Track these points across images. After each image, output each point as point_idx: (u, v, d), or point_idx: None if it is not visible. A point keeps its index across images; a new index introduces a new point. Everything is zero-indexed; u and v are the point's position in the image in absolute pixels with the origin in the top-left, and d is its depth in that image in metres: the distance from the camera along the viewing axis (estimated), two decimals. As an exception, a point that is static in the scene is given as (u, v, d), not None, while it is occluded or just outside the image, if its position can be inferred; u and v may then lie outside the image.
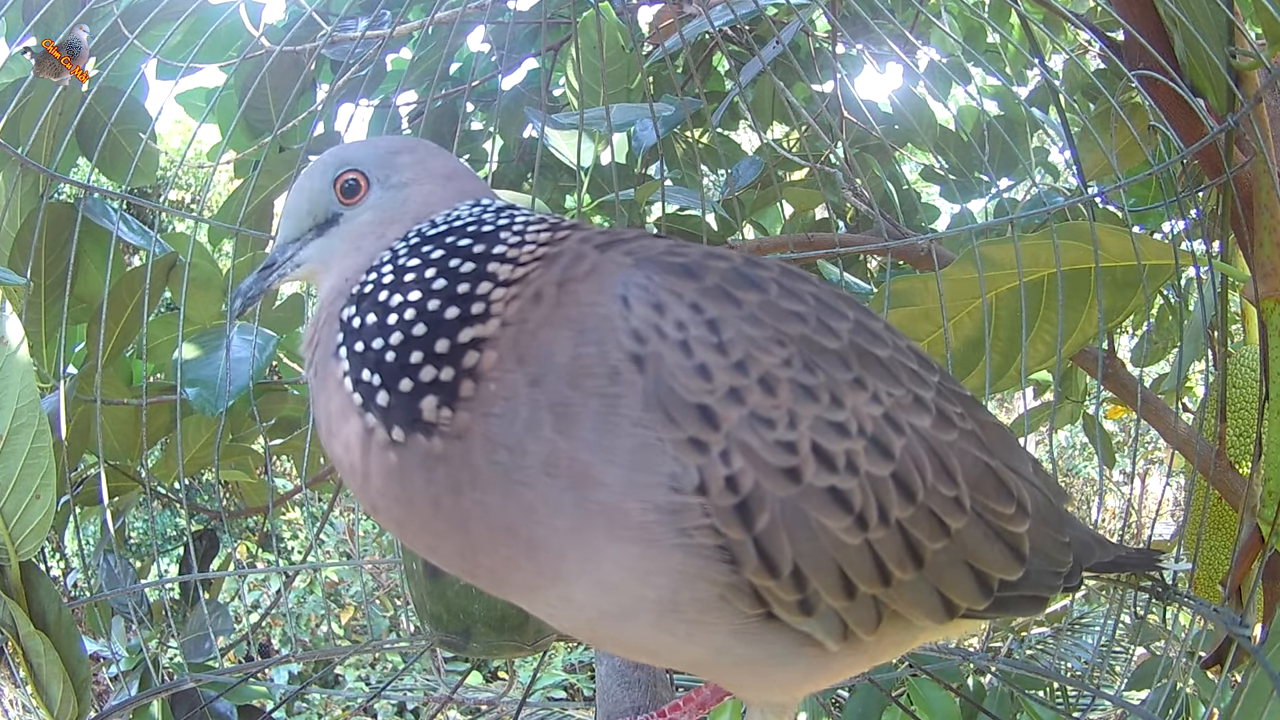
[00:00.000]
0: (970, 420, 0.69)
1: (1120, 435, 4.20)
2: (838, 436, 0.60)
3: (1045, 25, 1.93)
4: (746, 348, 0.59)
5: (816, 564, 0.60)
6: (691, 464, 0.57)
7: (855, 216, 2.14)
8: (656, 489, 0.57)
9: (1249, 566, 1.11)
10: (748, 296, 0.62)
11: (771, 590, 0.59)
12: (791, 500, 0.59)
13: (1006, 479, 0.69)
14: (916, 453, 0.63)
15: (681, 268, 0.61)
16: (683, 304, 0.59)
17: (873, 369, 0.64)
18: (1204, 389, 1.48)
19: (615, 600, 0.60)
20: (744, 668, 0.65)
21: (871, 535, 0.61)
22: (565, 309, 0.60)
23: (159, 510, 3.27)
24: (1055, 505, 0.75)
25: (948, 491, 0.64)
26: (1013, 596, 0.69)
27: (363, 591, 4.25)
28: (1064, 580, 0.74)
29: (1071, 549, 0.75)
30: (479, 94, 2.22)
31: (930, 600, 0.65)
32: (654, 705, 0.98)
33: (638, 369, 0.57)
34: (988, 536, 0.67)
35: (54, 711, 0.97)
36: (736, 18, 1.53)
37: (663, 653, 0.68)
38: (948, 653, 1.32)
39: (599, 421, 0.57)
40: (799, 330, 0.62)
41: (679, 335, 0.58)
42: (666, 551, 0.57)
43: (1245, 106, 1.06)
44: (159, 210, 1.37)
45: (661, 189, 1.66)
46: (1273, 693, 0.77)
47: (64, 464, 1.24)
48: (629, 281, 0.60)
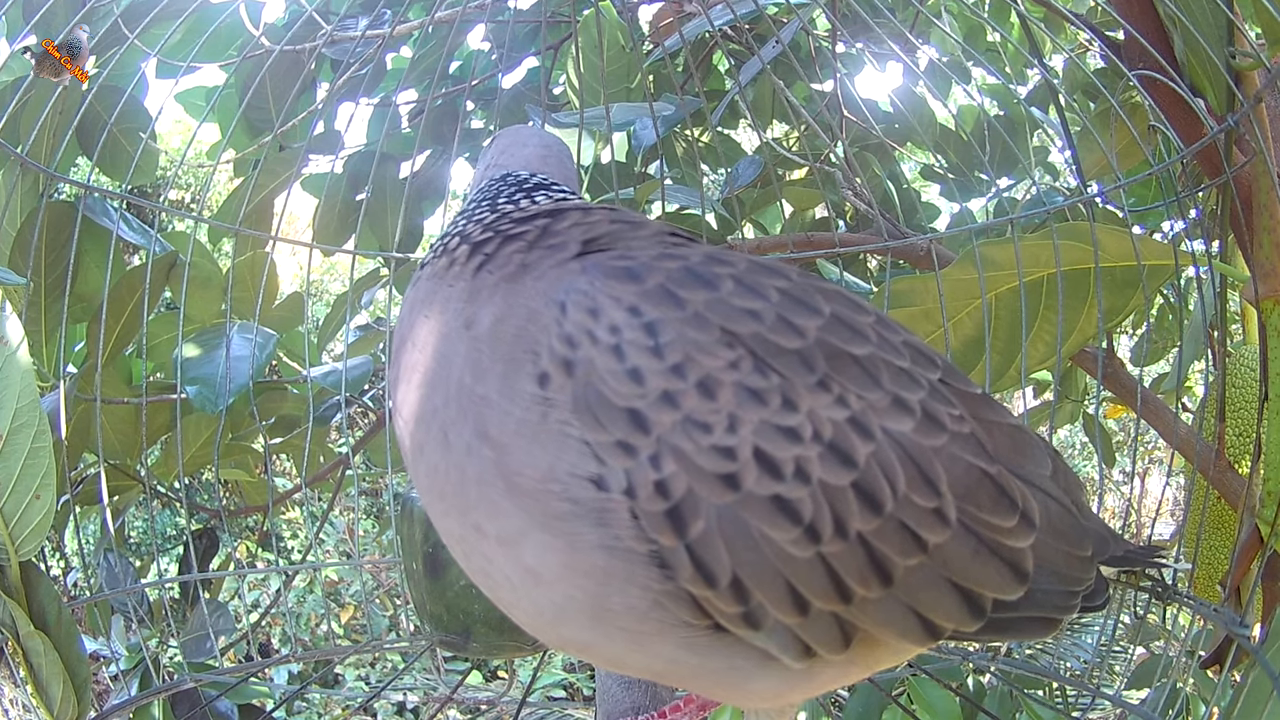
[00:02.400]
0: (971, 422, 0.64)
1: (1120, 435, 4.20)
2: (786, 442, 0.57)
3: (1045, 25, 1.93)
4: (686, 350, 0.57)
5: (759, 576, 0.56)
6: (619, 466, 0.55)
7: (855, 216, 2.14)
8: (577, 484, 0.56)
9: (1248, 566, 1.11)
10: (694, 296, 0.59)
11: (710, 601, 0.57)
12: (729, 508, 0.56)
13: (1009, 487, 0.63)
14: (887, 460, 0.59)
15: (625, 271, 0.61)
16: (620, 308, 0.58)
17: (844, 370, 0.60)
18: (1203, 389, 1.48)
19: (546, 593, 0.59)
20: (707, 679, 0.63)
21: (825, 548, 0.57)
22: (514, 285, 0.63)
23: (159, 509, 3.27)
24: (1074, 514, 0.68)
25: (925, 503, 0.59)
26: (1013, 618, 0.64)
27: (363, 591, 4.25)
28: (1081, 600, 0.67)
29: (1094, 563, 0.68)
30: (479, 92, 2.22)
31: (904, 621, 0.60)
32: (654, 705, 0.98)
33: (567, 374, 0.57)
34: (978, 553, 0.61)
35: (54, 711, 0.97)
36: (736, 17, 1.53)
37: (619, 661, 0.66)
38: (947, 652, 1.32)
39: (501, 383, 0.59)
40: (751, 329, 0.59)
41: (611, 339, 0.57)
42: (588, 551, 0.56)
43: (1245, 106, 1.06)
44: (159, 210, 1.37)
45: (661, 188, 1.65)
46: (1273, 692, 0.77)
47: (64, 463, 1.24)
48: (570, 287, 0.60)
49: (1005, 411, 0.69)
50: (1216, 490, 1.34)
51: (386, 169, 1.75)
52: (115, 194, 1.51)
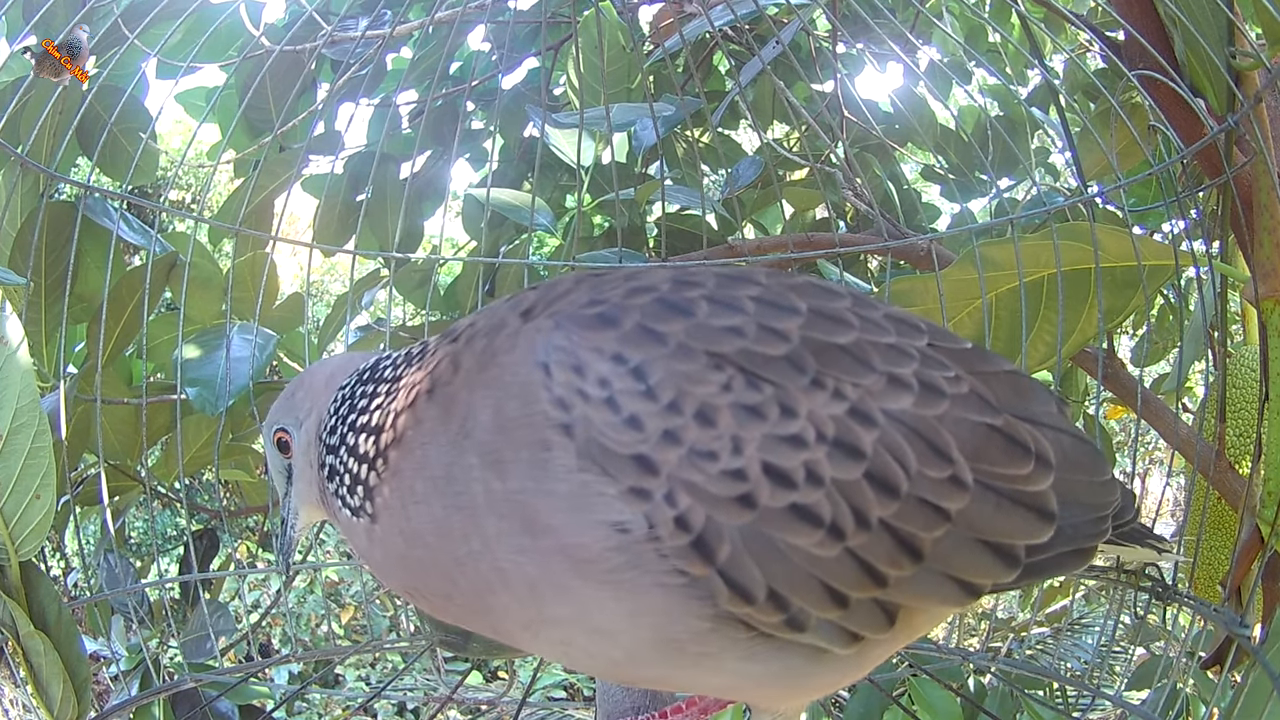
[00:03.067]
0: (968, 380, 0.64)
1: (1121, 435, 4.19)
2: (792, 450, 0.57)
3: (1045, 25, 1.93)
4: (678, 385, 0.57)
5: (793, 583, 0.58)
6: (638, 511, 0.56)
7: (855, 216, 2.14)
8: (605, 531, 0.56)
9: (1249, 567, 1.11)
10: (672, 328, 0.59)
11: (752, 615, 0.58)
12: (750, 526, 0.56)
13: (1019, 434, 0.64)
14: (894, 442, 0.59)
15: (599, 318, 0.60)
16: (604, 359, 0.58)
17: (835, 362, 0.60)
18: (1204, 389, 1.48)
19: (617, 644, 0.60)
20: (770, 683, 0.64)
21: (851, 542, 0.58)
22: (488, 372, 0.61)
23: (159, 510, 3.26)
24: (1087, 442, 0.69)
25: (939, 473, 0.60)
26: (1047, 559, 0.64)
27: (363, 591, 4.25)
28: (1111, 522, 0.68)
29: (1117, 485, 0.69)
30: (479, 93, 2.22)
31: (944, 588, 0.61)
32: (654, 706, 0.98)
33: (567, 436, 0.57)
34: (1000, 506, 0.62)
35: (54, 711, 0.97)
36: (737, 17, 1.53)
37: (686, 684, 0.68)
38: (948, 652, 1.32)
39: (532, 469, 0.57)
40: (736, 346, 0.59)
41: (602, 394, 0.57)
42: (645, 594, 0.57)
43: (1245, 106, 1.06)
44: (159, 210, 1.37)
45: (662, 189, 1.65)
46: (1273, 693, 0.77)
47: (64, 464, 1.24)
48: (549, 346, 0.59)
49: (999, 359, 0.70)
50: (1217, 491, 1.34)
51: (387, 169, 1.75)
52: (115, 194, 1.51)
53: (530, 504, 0.58)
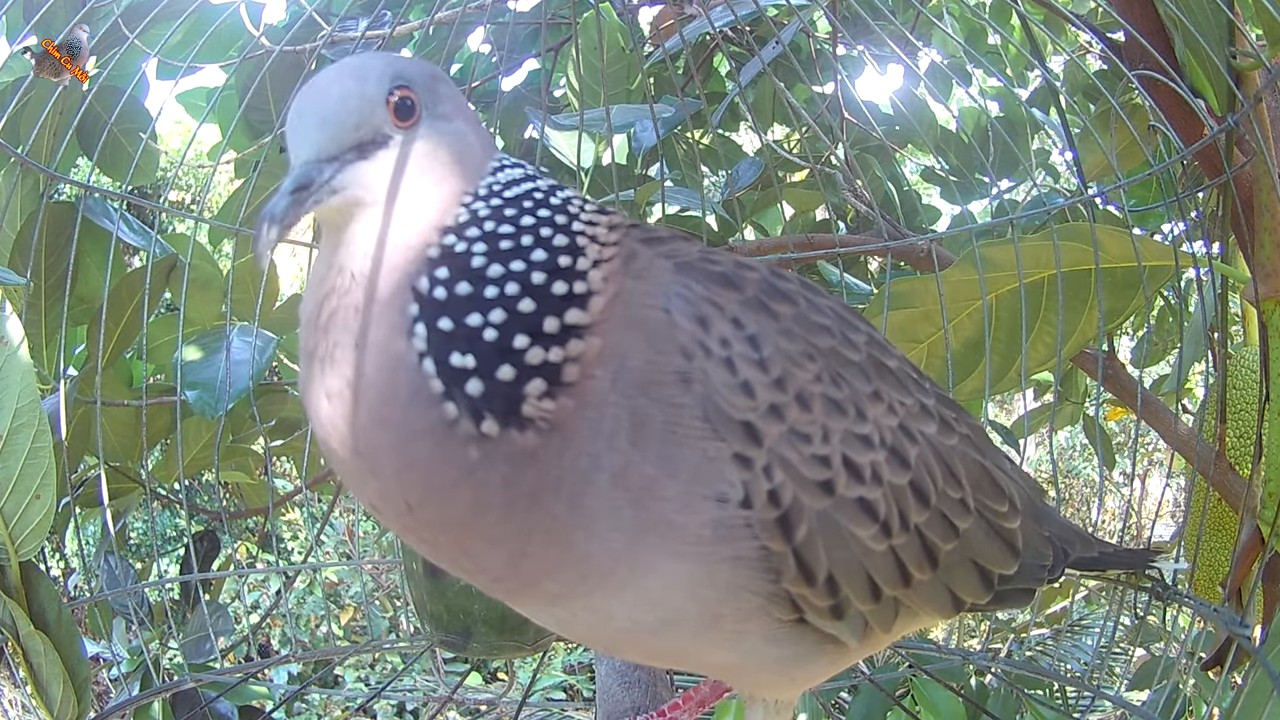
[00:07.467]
0: (964, 424, 0.72)
1: (1120, 436, 4.19)
2: (864, 449, 0.62)
3: (1046, 26, 1.93)
4: (784, 364, 0.60)
5: (848, 571, 0.62)
6: (737, 479, 0.57)
7: (855, 217, 2.14)
8: (710, 503, 0.57)
9: (1249, 567, 1.11)
10: (782, 309, 0.62)
11: (807, 598, 0.61)
12: (826, 511, 0.60)
13: (999, 478, 0.72)
14: (928, 460, 0.66)
15: (723, 277, 0.61)
16: (724, 318, 0.59)
17: (887, 380, 0.66)
18: (1204, 390, 1.48)
19: (656, 613, 0.60)
20: (769, 669, 0.67)
21: (895, 541, 0.63)
22: (634, 310, 0.57)
23: (159, 511, 3.27)
24: (1035, 500, 0.79)
25: (955, 494, 0.67)
26: (1009, 590, 0.73)
27: (362, 592, 4.25)
28: (1048, 573, 0.77)
29: (1051, 542, 0.78)
30: (479, 94, 2.22)
31: (941, 598, 0.68)
32: (654, 705, 0.98)
33: (688, 389, 0.57)
34: (988, 534, 0.70)
35: (54, 712, 0.97)
36: (737, 18, 1.53)
37: (690, 659, 0.69)
38: (948, 653, 1.32)
39: (665, 433, 0.56)
40: (828, 343, 0.63)
41: (724, 352, 0.58)
42: (717, 565, 0.58)
43: (1245, 107, 1.06)
44: (159, 210, 1.37)
45: (662, 190, 1.66)
46: (1273, 693, 0.77)
47: (64, 465, 1.24)
48: (670, 291, 0.59)
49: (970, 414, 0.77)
50: (1217, 491, 1.34)
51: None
52: (116, 195, 1.51)
53: (652, 473, 0.55)
